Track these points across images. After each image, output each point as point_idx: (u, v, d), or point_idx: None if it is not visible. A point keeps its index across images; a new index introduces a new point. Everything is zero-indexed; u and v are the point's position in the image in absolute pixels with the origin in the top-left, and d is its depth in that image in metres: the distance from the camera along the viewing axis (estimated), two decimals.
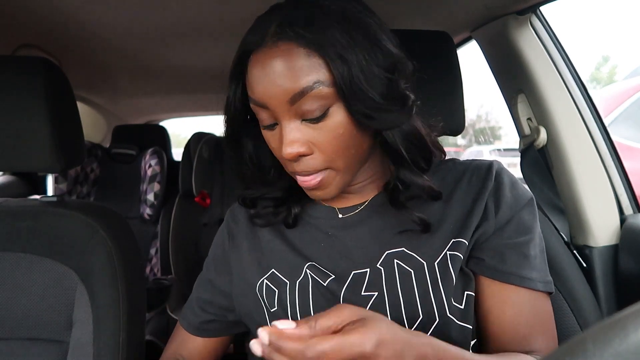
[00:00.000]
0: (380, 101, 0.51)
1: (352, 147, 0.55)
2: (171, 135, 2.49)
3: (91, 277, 0.76)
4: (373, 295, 0.58)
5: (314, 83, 0.50)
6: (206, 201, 2.05)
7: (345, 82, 0.50)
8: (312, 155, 0.54)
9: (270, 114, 0.54)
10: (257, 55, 0.52)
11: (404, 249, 0.59)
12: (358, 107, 0.51)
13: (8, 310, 0.75)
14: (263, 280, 0.64)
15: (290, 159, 0.54)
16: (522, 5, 0.91)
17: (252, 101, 0.55)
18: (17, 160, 0.77)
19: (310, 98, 0.51)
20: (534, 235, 0.61)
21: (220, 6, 1.09)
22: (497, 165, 0.63)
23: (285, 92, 0.51)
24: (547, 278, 0.60)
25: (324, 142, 0.53)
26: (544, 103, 0.97)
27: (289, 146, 0.53)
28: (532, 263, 0.59)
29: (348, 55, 0.50)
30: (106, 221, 0.80)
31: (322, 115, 0.52)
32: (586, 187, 0.96)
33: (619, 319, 0.20)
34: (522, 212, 0.61)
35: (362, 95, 0.51)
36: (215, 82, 1.94)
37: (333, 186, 0.57)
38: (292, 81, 0.50)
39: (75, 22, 1.18)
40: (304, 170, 0.55)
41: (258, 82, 0.52)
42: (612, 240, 0.95)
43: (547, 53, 0.97)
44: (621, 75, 17.95)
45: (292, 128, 0.53)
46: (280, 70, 0.50)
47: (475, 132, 15.91)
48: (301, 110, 0.52)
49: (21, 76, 0.75)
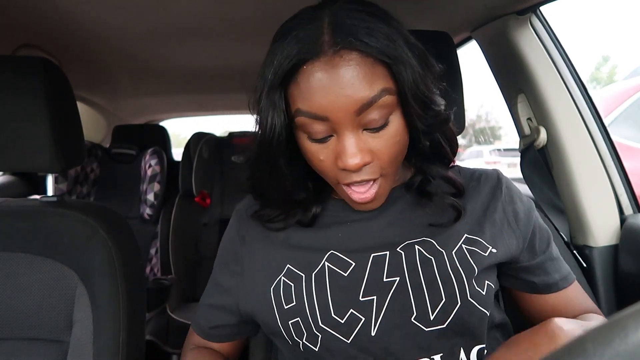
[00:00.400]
0: (435, 104, 0.54)
1: (402, 153, 0.57)
2: (171, 135, 2.49)
3: (91, 277, 0.76)
4: (395, 280, 0.58)
5: (381, 92, 0.50)
6: (206, 201, 2.05)
7: (410, 88, 0.51)
8: (372, 163, 0.54)
9: (328, 126, 0.52)
10: (315, 65, 0.50)
11: (423, 238, 0.61)
12: (417, 112, 0.53)
13: (8, 310, 0.75)
14: (280, 278, 0.63)
15: (356, 169, 0.53)
16: (522, 5, 0.91)
17: (306, 114, 0.52)
18: (17, 160, 0.77)
19: (377, 107, 0.51)
20: (550, 233, 0.68)
21: (220, 6, 1.09)
22: (502, 174, 0.68)
23: (354, 102, 0.50)
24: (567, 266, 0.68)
25: (382, 149, 0.53)
26: (544, 103, 0.97)
27: (355, 156, 0.52)
28: (561, 260, 0.67)
29: (409, 61, 0.51)
30: (106, 221, 0.80)
31: (385, 124, 0.52)
32: (586, 187, 0.96)
33: (619, 319, 0.20)
34: (537, 219, 0.67)
35: (422, 100, 0.53)
36: (215, 82, 1.94)
37: (382, 195, 0.59)
38: (360, 91, 0.49)
39: (75, 22, 1.18)
40: (363, 179, 0.55)
41: (318, 92, 0.50)
42: (612, 240, 0.95)
43: (547, 53, 0.97)
44: (621, 75, 17.95)
45: (356, 138, 0.52)
46: (347, 80, 0.49)
47: (475, 132, 15.92)
48: (366, 120, 0.51)
49: (21, 76, 0.75)
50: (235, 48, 1.44)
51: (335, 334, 0.57)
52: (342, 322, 0.57)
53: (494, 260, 0.60)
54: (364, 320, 0.57)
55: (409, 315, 0.56)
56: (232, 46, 1.42)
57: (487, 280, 0.60)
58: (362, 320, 0.57)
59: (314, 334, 0.58)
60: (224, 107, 2.67)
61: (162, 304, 1.83)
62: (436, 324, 0.56)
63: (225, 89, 2.07)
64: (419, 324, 0.56)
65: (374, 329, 0.57)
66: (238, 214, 0.72)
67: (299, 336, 0.59)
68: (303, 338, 0.59)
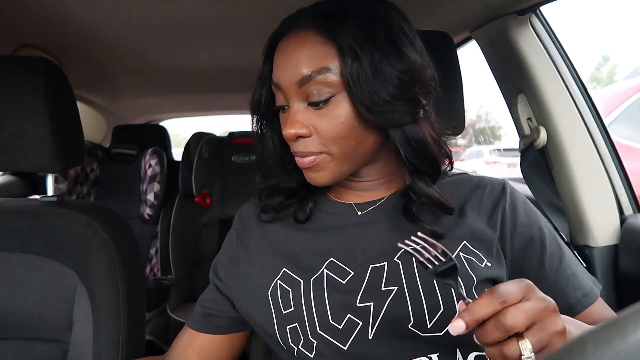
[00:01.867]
0: (386, 98, 0.54)
1: (352, 139, 0.57)
2: (171, 135, 2.50)
3: (91, 277, 0.76)
4: (393, 289, 0.58)
5: (322, 69, 0.54)
6: (206, 201, 2.05)
7: (352, 74, 0.53)
8: (310, 137, 0.57)
9: (283, 96, 0.59)
10: (284, 41, 0.58)
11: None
12: (361, 99, 0.54)
13: (8, 310, 0.75)
14: (276, 281, 0.63)
15: (290, 138, 0.58)
16: (522, 5, 0.91)
17: (273, 83, 0.60)
18: (17, 160, 0.77)
19: (317, 83, 0.55)
20: (563, 250, 0.63)
21: (220, 6, 1.09)
22: (510, 185, 0.66)
23: (296, 75, 0.55)
24: (593, 278, 0.64)
25: (324, 127, 0.56)
26: (544, 103, 0.97)
27: (290, 126, 0.57)
28: (580, 276, 0.62)
29: (361, 51, 0.53)
30: (106, 221, 0.80)
31: (326, 100, 0.56)
32: (586, 187, 0.96)
33: (619, 319, 0.20)
34: (544, 233, 0.63)
35: (367, 90, 0.54)
36: (215, 82, 1.94)
37: (327, 172, 0.59)
38: (303, 65, 0.55)
39: (75, 22, 1.18)
40: (300, 150, 0.58)
41: (278, 64, 0.58)
42: (612, 240, 0.95)
43: (547, 53, 0.97)
44: (621, 75, 17.95)
45: (298, 110, 0.57)
46: (296, 54, 0.56)
47: (475, 132, 15.92)
48: (307, 93, 0.56)
49: (21, 76, 0.75)
50: (235, 48, 1.44)
51: (332, 340, 0.57)
52: (339, 327, 0.57)
53: (489, 274, 0.59)
54: (362, 324, 0.57)
55: (407, 322, 0.56)
56: (232, 46, 1.42)
57: (486, 288, 0.58)
58: (359, 325, 0.57)
59: (310, 341, 0.58)
60: (224, 107, 2.67)
61: (162, 304, 1.83)
62: (433, 331, 0.55)
63: (225, 89, 2.07)
64: (416, 330, 0.56)
65: (371, 333, 0.56)
66: (240, 217, 0.74)
67: (295, 342, 0.59)
68: (299, 344, 0.59)
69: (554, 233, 0.64)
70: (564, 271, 0.62)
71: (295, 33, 0.57)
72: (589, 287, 0.62)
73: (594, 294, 0.62)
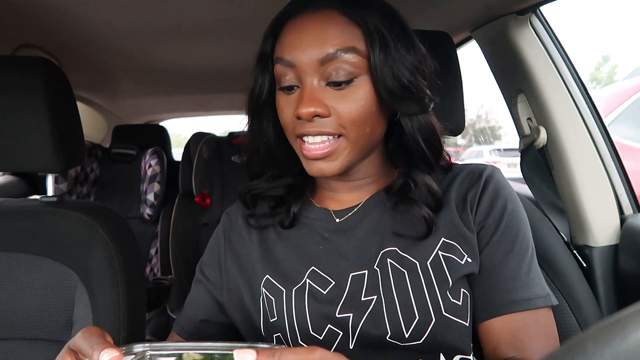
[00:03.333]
0: (406, 84, 0.54)
1: (368, 124, 0.56)
2: (171, 135, 2.50)
3: (91, 277, 0.76)
4: (372, 299, 0.57)
5: (349, 48, 0.53)
6: (206, 201, 2.05)
7: (379, 57, 0.53)
8: (328, 118, 0.54)
9: (295, 75, 0.55)
10: (296, 19, 0.56)
11: (396, 248, 0.59)
12: (384, 83, 0.54)
13: (8, 310, 0.75)
14: (261, 289, 0.63)
15: (307, 117, 0.53)
16: (522, 5, 0.91)
17: (280, 61, 0.56)
18: (17, 160, 0.77)
19: (341, 62, 0.53)
20: (521, 251, 0.58)
21: (220, 6, 1.09)
22: (489, 170, 0.63)
23: (320, 52, 0.53)
24: (545, 291, 0.57)
25: (343, 108, 0.54)
26: (544, 103, 0.97)
27: (309, 104, 0.53)
28: (521, 282, 0.57)
29: (388, 35, 0.54)
30: (106, 221, 0.80)
31: (348, 81, 0.54)
32: (586, 187, 0.96)
33: (619, 319, 0.20)
34: (502, 222, 0.59)
35: (391, 75, 0.54)
36: (215, 82, 1.94)
37: (340, 160, 0.56)
38: (327, 42, 0.53)
39: (76, 22, 1.18)
40: (316, 129, 0.54)
41: (293, 41, 0.55)
42: (612, 240, 0.95)
43: (547, 53, 0.97)
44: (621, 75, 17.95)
45: (316, 88, 0.54)
46: (317, 32, 0.53)
47: (475, 132, 15.92)
48: (328, 72, 0.53)
49: (21, 76, 0.75)
50: (235, 48, 1.44)
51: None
52: (320, 338, 0.57)
53: (469, 269, 0.57)
54: (342, 335, 0.57)
55: (384, 335, 0.55)
56: (232, 46, 1.42)
57: (463, 289, 0.57)
58: (340, 335, 0.57)
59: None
60: (224, 107, 2.67)
61: (162, 304, 1.83)
62: (412, 340, 0.55)
63: (225, 89, 2.07)
64: (395, 341, 0.55)
65: (351, 343, 0.56)
66: (227, 216, 0.73)
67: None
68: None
69: (519, 231, 0.59)
70: (501, 269, 0.57)
71: (314, 12, 0.55)
72: (523, 296, 0.56)
73: (525, 304, 0.56)
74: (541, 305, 0.56)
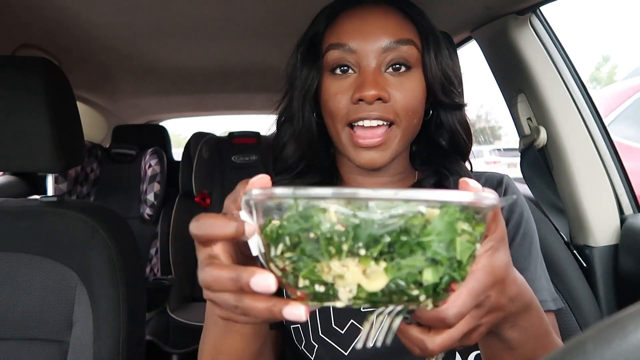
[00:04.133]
0: (453, 81, 0.60)
1: (417, 115, 0.59)
2: (171, 135, 2.50)
3: (91, 277, 0.76)
4: None
5: (408, 40, 0.57)
6: (206, 201, 2.05)
7: (432, 52, 0.58)
8: (387, 103, 0.56)
9: (354, 59, 0.57)
10: (355, 9, 0.59)
11: None
12: (436, 77, 0.58)
13: (8, 310, 0.75)
14: None
15: (371, 99, 0.54)
16: (522, 5, 0.90)
17: (336, 46, 0.57)
18: (17, 160, 0.77)
19: (402, 51, 0.57)
20: (536, 255, 0.60)
21: (221, 6, 1.09)
22: (507, 179, 0.66)
23: (382, 40, 0.56)
24: (554, 295, 0.59)
25: (400, 95, 0.56)
26: (544, 103, 0.97)
27: (373, 86, 0.54)
28: (536, 286, 0.58)
29: (437, 33, 0.60)
30: (106, 221, 0.80)
31: (406, 70, 0.57)
32: (586, 187, 0.96)
33: (619, 319, 0.20)
34: (520, 228, 0.61)
35: (441, 71, 0.59)
36: (215, 82, 1.94)
37: (391, 150, 0.57)
38: (389, 32, 0.56)
39: (75, 22, 1.18)
40: (375, 113, 0.55)
41: (353, 27, 0.57)
42: (612, 240, 0.95)
43: (547, 53, 0.97)
44: (621, 75, 17.94)
45: (377, 73, 0.56)
46: (380, 22, 0.57)
47: (475, 132, 15.88)
48: (390, 57, 0.56)
49: (21, 76, 0.75)
50: (235, 48, 1.44)
51: (334, 344, 0.57)
52: (342, 332, 0.57)
53: None
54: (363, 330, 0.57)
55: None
56: (232, 46, 1.42)
57: None
58: (361, 330, 0.57)
59: (311, 344, 0.59)
60: (224, 107, 2.67)
61: (162, 304, 1.83)
62: None
63: (225, 89, 2.07)
64: None
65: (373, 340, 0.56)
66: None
67: (298, 341, 0.60)
68: (302, 345, 0.60)
69: (533, 238, 0.61)
70: (524, 273, 0.58)
71: (373, 6, 0.59)
72: (541, 298, 0.57)
73: (544, 306, 0.56)
74: (553, 308, 0.58)
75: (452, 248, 0.30)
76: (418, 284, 0.30)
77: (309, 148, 0.63)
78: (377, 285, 0.30)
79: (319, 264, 0.29)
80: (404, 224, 0.29)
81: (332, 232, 0.29)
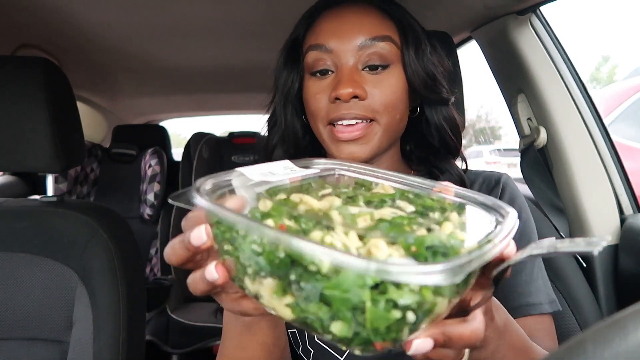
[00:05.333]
0: (435, 76, 0.60)
1: (398, 112, 0.59)
2: (171, 135, 2.49)
3: (91, 277, 0.76)
4: None
5: (385, 37, 0.57)
6: None
7: (412, 49, 0.58)
8: (364, 101, 0.56)
9: (331, 60, 0.58)
10: (333, 10, 0.59)
11: None
12: (416, 73, 0.58)
13: (8, 310, 0.75)
14: None
15: (346, 97, 0.55)
16: (522, 5, 0.90)
17: (315, 47, 0.58)
18: (17, 160, 0.77)
19: (379, 47, 0.57)
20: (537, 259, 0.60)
21: (221, 6, 1.09)
22: (505, 178, 0.65)
23: (357, 38, 0.56)
24: (551, 297, 0.59)
25: (378, 92, 0.57)
26: (544, 103, 0.97)
27: (348, 85, 0.55)
28: (534, 287, 0.58)
29: (417, 29, 0.60)
30: (106, 221, 0.80)
31: (384, 67, 0.57)
32: (586, 187, 0.96)
33: (618, 319, 0.20)
34: (519, 228, 0.59)
35: (422, 66, 0.58)
36: (215, 82, 1.94)
37: (370, 145, 0.57)
38: (365, 29, 0.57)
39: (76, 22, 1.18)
40: (353, 111, 0.56)
41: (330, 28, 0.58)
42: (612, 240, 0.95)
43: (547, 53, 0.97)
44: (621, 75, 17.93)
45: (354, 71, 0.57)
46: (356, 20, 0.57)
47: (475, 132, 15.90)
48: (365, 57, 0.57)
49: (21, 76, 0.75)
50: (235, 48, 1.44)
51: (329, 349, 0.58)
52: None
53: None
54: None
55: None
56: (232, 46, 1.42)
57: None
58: None
59: (307, 349, 0.59)
60: (224, 107, 2.67)
61: (162, 304, 1.83)
62: None
63: (225, 89, 2.07)
64: None
65: None
66: None
67: (295, 345, 0.61)
68: (299, 349, 0.60)
69: (531, 238, 0.61)
70: (520, 274, 0.58)
71: (351, 5, 0.59)
72: (536, 300, 0.58)
73: (538, 308, 0.58)
74: (549, 311, 0.58)
75: (358, 313, 0.24)
76: (329, 332, 0.26)
77: (296, 150, 0.64)
78: (286, 316, 0.27)
79: (243, 275, 0.29)
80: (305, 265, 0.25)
81: (241, 253, 0.28)
